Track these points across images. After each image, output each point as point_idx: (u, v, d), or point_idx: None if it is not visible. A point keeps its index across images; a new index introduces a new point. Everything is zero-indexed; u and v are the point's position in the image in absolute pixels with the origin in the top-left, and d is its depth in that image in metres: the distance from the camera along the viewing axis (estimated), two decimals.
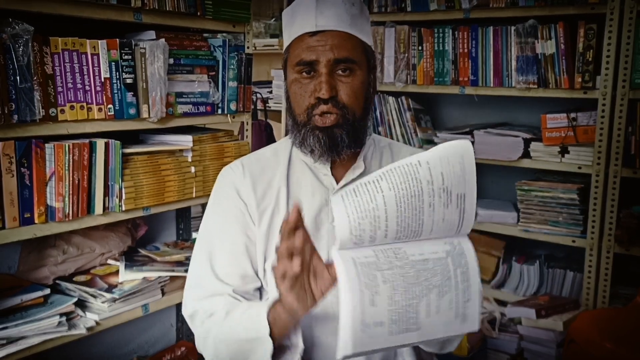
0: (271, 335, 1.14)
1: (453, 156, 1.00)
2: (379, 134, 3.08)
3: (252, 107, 2.52)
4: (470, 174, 1.01)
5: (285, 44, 1.34)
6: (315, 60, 1.25)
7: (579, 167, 2.57)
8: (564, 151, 2.61)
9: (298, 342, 1.17)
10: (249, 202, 1.35)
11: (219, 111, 2.21)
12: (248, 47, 2.32)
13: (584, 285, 2.60)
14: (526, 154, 2.71)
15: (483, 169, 3.07)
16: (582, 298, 2.62)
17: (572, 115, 2.57)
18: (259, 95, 3.48)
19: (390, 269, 0.98)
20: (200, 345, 1.31)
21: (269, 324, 1.14)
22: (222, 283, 1.32)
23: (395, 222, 0.98)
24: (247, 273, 1.33)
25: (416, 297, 0.99)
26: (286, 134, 1.53)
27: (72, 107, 1.76)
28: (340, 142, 1.27)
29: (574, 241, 2.61)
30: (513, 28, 2.66)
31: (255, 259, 1.34)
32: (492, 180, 3.14)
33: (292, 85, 1.30)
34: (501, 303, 2.79)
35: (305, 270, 1.05)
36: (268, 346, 1.14)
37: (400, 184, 0.97)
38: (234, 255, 1.33)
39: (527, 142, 2.71)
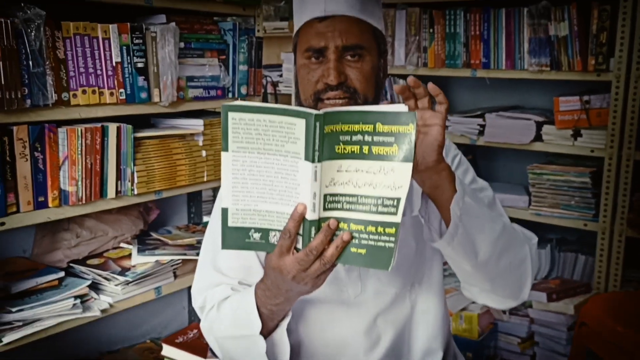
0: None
1: None
2: None
3: (263, 90, 2.51)
4: None
5: (295, 28, 1.32)
6: (324, 47, 1.23)
7: (592, 151, 2.55)
8: (576, 134, 2.59)
9: (287, 313, 1.19)
10: None
11: (230, 95, 2.21)
12: (258, 31, 2.31)
13: (595, 269, 2.59)
14: (538, 137, 2.69)
15: (495, 152, 3.10)
16: (593, 282, 2.61)
17: (585, 98, 2.54)
18: (269, 78, 3.47)
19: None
20: (209, 341, 1.33)
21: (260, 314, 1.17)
22: (224, 276, 1.32)
23: None
24: (251, 265, 1.32)
25: None
26: None
27: (84, 92, 1.77)
28: None
29: (585, 225, 2.60)
30: (526, 9, 2.63)
31: (263, 256, 1.32)
32: (504, 164, 3.13)
33: (300, 70, 1.29)
34: None
35: None
36: (261, 344, 1.17)
37: None
38: (239, 252, 1.31)
39: (539, 125, 2.69)
